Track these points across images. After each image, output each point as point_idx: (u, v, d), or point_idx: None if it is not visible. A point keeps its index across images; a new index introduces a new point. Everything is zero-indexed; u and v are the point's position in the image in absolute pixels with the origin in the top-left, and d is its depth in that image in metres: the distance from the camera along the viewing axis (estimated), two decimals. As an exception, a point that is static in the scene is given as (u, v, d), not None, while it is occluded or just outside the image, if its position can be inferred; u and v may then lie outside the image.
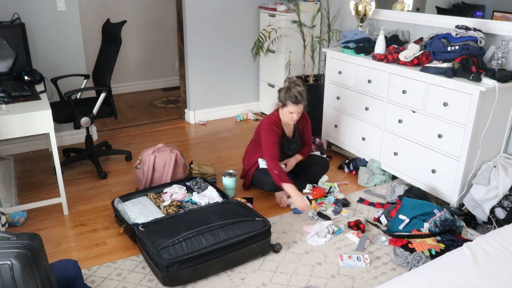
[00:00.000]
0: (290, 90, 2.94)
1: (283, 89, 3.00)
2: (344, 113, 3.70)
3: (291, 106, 2.94)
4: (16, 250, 1.52)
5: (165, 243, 2.30)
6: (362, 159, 3.58)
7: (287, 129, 3.15)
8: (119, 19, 3.61)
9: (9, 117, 2.60)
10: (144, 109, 5.30)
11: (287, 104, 2.95)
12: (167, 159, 3.13)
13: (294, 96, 2.92)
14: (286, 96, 2.95)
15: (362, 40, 3.56)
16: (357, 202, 3.13)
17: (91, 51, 4.52)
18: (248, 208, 2.70)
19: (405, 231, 2.67)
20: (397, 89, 3.15)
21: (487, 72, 2.70)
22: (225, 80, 4.80)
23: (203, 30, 4.49)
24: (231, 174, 3.19)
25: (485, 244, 1.94)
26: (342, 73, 3.65)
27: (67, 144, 4.07)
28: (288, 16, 4.27)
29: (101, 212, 3.01)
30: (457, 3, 3.31)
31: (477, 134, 2.73)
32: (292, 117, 2.98)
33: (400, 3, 3.67)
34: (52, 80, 3.58)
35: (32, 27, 3.66)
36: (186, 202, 2.88)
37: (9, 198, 3.02)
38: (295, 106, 2.94)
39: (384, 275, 2.39)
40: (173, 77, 6.22)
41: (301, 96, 2.94)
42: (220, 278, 2.36)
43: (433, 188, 3.01)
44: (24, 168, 3.66)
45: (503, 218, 2.68)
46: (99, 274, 2.39)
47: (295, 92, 2.93)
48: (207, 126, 4.72)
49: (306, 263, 2.48)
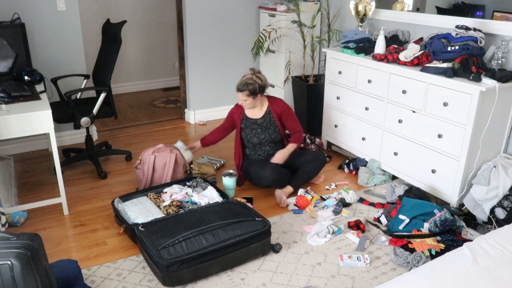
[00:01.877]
0: (242, 77, 3.20)
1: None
2: (344, 113, 3.70)
3: (238, 93, 3.21)
4: (16, 250, 1.52)
5: (165, 243, 2.30)
6: (362, 159, 3.58)
7: (251, 113, 3.32)
8: (119, 19, 3.61)
9: (9, 117, 2.60)
10: (144, 109, 5.30)
11: (236, 90, 3.22)
12: (167, 159, 3.13)
13: (238, 84, 3.19)
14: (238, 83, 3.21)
15: (362, 40, 3.56)
16: (357, 202, 3.13)
17: (91, 51, 4.52)
18: (248, 208, 2.70)
19: (405, 231, 2.67)
20: (397, 89, 3.15)
21: (487, 72, 2.70)
22: (225, 80, 4.80)
23: (203, 30, 4.49)
24: (231, 174, 3.19)
25: (485, 244, 1.94)
26: (342, 73, 3.65)
27: (67, 144, 4.07)
28: (288, 16, 4.27)
29: (101, 212, 3.01)
30: (457, 3, 3.31)
31: (477, 134, 2.73)
32: (242, 103, 3.24)
33: (400, 3, 3.67)
34: (52, 80, 3.59)
35: (32, 27, 3.66)
36: (186, 202, 2.88)
37: (9, 198, 3.02)
38: (240, 92, 3.19)
39: (384, 275, 2.39)
40: (173, 77, 6.22)
41: (246, 84, 3.15)
42: (220, 278, 2.36)
43: (433, 188, 3.01)
44: (24, 168, 3.66)
45: (503, 218, 2.68)
46: (99, 274, 2.39)
47: (241, 80, 3.19)
48: (207, 126, 4.72)
49: (306, 263, 2.48)
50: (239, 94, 3.20)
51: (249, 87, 3.14)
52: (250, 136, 3.30)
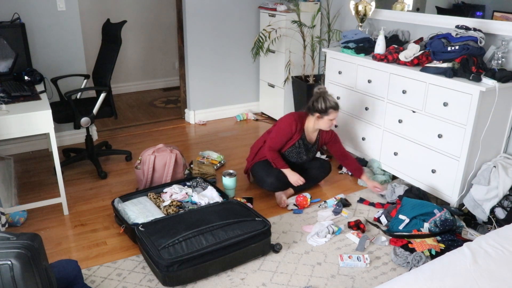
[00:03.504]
0: (327, 98, 2.99)
1: (318, 99, 3.00)
2: (344, 113, 3.70)
3: (333, 113, 3.00)
4: (16, 250, 1.52)
5: (165, 243, 2.30)
6: (362, 159, 3.58)
7: (310, 135, 3.17)
8: (119, 19, 3.61)
9: (9, 117, 2.60)
10: (144, 109, 5.30)
11: (328, 112, 2.98)
12: (167, 159, 3.13)
13: (334, 103, 3.00)
14: (325, 105, 2.97)
15: (362, 40, 3.56)
16: (357, 202, 3.13)
17: (91, 51, 4.52)
18: (248, 208, 2.70)
19: (405, 231, 2.67)
20: (397, 89, 3.15)
21: (487, 72, 2.70)
22: (225, 80, 4.80)
23: (203, 30, 4.49)
24: (231, 174, 3.19)
25: (485, 244, 1.94)
26: (342, 73, 3.65)
27: (67, 144, 4.07)
28: (288, 16, 4.27)
29: (101, 212, 3.01)
30: (457, 3, 3.31)
31: (477, 134, 2.73)
32: (333, 123, 3.05)
33: (400, 3, 3.67)
34: (52, 80, 3.59)
35: (32, 27, 3.66)
36: (186, 202, 2.88)
37: (9, 198, 3.02)
38: (336, 112, 3.01)
39: (384, 275, 2.39)
40: (173, 77, 6.22)
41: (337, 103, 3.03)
42: (220, 278, 2.36)
43: (433, 188, 3.01)
44: (24, 168, 3.66)
45: (503, 218, 2.68)
46: (99, 274, 2.39)
47: (332, 99, 3.01)
48: (207, 126, 4.72)
49: (306, 263, 2.48)
50: (336, 113, 3.00)
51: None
52: (292, 155, 3.15)
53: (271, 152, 3.09)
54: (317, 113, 3.01)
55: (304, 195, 3.08)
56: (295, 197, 3.10)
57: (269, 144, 3.10)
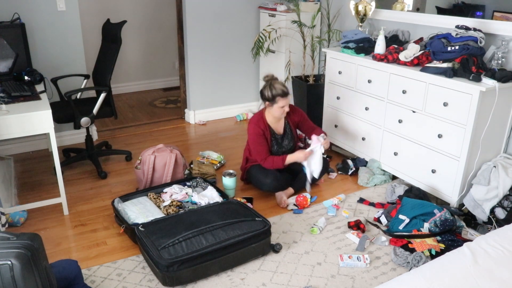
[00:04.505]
0: (273, 86, 3.03)
1: (266, 88, 3.06)
2: (344, 113, 3.70)
3: (281, 100, 3.02)
4: (16, 250, 1.52)
5: (165, 243, 2.30)
6: (362, 159, 3.58)
7: (276, 126, 3.19)
8: (119, 19, 3.61)
9: (9, 117, 2.60)
10: (144, 109, 5.30)
11: (276, 99, 3.01)
12: (167, 159, 3.13)
13: (281, 90, 3.01)
14: (272, 93, 3.01)
15: (362, 40, 3.56)
16: (357, 202, 3.13)
17: (91, 51, 4.52)
18: (248, 208, 2.70)
19: (405, 231, 2.67)
20: (397, 89, 3.15)
21: (487, 72, 2.70)
22: (225, 80, 4.80)
23: (203, 30, 4.49)
24: (231, 174, 3.19)
25: (485, 244, 1.94)
26: (342, 73, 3.65)
27: (67, 144, 4.07)
28: (288, 16, 4.27)
29: (101, 212, 3.01)
30: (457, 3, 3.31)
31: (477, 134, 2.73)
32: (284, 110, 3.06)
33: (400, 3, 3.67)
34: (52, 80, 3.58)
35: (32, 27, 3.66)
36: (186, 202, 2.88)
37: (9, 198, 3.02)
38: (284, 98, 3.02)
39: (384, 275, 2.39)
40: (173, 77, 6.22)
41: (286, 88, 3.06)
42: (220, 278, 2.36)
43: (433, 188, 3.01)
44: (24, 168, 3.66)
45: (503, 218, 2.68)
46: (99, 274, 2.39)
47: (279, 86, 3.03)
48: (207, 126, 4.72)
49: (306, 263, 2.48)
50: (287, 98, 3.03)
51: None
52: (278, 148, 3.19)
53: (266, 161, 3.09)
54: (267, 101, 3.05)
55: (304, 195, 3.08)
56: (295, 197, 3.10)
57: (258, 157, 3.10)
